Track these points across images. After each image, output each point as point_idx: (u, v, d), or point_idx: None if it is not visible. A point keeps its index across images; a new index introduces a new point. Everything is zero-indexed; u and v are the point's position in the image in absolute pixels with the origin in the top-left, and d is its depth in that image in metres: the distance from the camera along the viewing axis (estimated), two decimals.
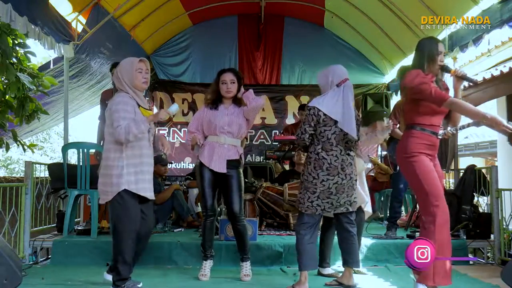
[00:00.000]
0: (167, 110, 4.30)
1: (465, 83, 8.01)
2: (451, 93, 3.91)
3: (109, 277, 4.18)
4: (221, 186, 4.68)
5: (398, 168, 5.95)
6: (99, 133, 6.33)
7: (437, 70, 3.86)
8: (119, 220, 3.97)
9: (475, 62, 9.31)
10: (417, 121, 3.83)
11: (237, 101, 4.72)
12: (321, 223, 4.70)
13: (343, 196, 4.19)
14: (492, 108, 10.93)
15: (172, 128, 10.43)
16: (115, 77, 4.15)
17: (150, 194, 4.11)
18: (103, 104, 6.30)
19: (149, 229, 4.26)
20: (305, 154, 4.58)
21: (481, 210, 6.34)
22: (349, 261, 4.30)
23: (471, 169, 6.46)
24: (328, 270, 4.78)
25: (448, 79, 4.12)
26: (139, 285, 4.11)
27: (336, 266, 5.00)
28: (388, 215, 6.54)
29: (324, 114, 4.13)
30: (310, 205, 4.16)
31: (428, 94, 3.67)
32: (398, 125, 5.90)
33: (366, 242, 5.45)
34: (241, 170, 4.71)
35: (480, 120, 3.61)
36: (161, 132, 10.23)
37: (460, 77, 3.86)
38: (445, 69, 3.91)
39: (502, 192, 5.69)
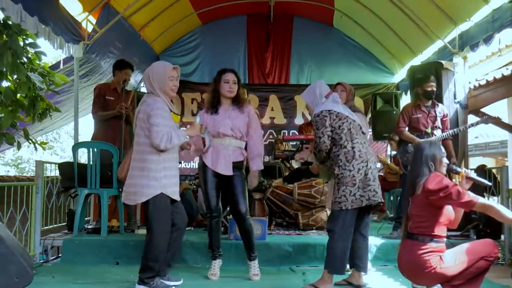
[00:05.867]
0: (195, 124, 4.36)
1: (476, 83, 8.03)
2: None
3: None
4: (225, 187, 4.64)
5: (408, 168, 5.95)
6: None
7: (443, 171, 3.69)
8: (156, 220, 3.99)
9: (486, 62, 9.28)
10: (435, 233, 3.55)
11: (237, 102, 4.67)
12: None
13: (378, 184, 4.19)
14: (503, 107, 10.87)
15: (181, 128, 10.44)
16: (145, 79, 4.16)
17: (177, 196, 4.19)
18: (100, 98, 6.28)
19: (185, 220, 4.33)
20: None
21: None
22: (360, 266, 4.28)
23: (481, 169, 6.43)
24: None
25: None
26: (177, 283, 4.15)
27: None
28: (396, 214, 6.53)
29: (335, 111, 4.17)
30: (354, 199, 4.06)
31: (455, 197, 3.43)
32: (407, 128, 5.93)
33: (375, 242, 5.44)
34: (244, 172, 4.69)
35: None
36: None
37: (469, 179, 3.68)
38: (452, 170, 3.81)
39: None
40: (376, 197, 4.13)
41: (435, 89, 5.89)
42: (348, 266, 4.70)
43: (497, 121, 8.04)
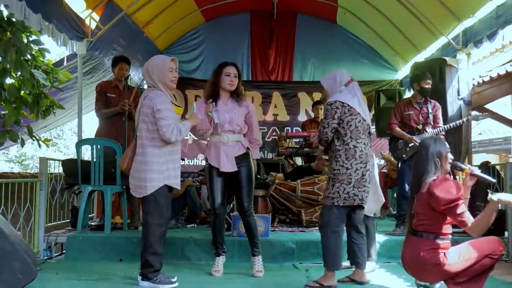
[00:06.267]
0: (195, 113, 4.40)
1: (479, 79, 8.00)
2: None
3: (145, 284, 4.12)
4: (232, 181, 4.67)
5: (399, 165, 5.99)
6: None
7: (447, 168, 3.70)
8: (153, 213, 4.09)
9: (490, 58, 9.24)
10: (442, 231, 3.55)
11: (236, 96, 4.67)
12: None
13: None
14: (506, 104, 10.84)
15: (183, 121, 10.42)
16: (145, 73, 4.23)
17: (179, 186, 4.29)
18: (102, 96, 6.28)
19: (168, 215, 4.38)
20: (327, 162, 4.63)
21: None
22: (359, 262, 4.29)
23: (485, 165, 6.41)
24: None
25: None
26: (173, 279, 4.16)
27: None
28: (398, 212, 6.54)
29: (348, 105, 4.14)
30: (347, 197, 4.09)
31: (454, 214, 3.43)
32: (397, 125, 5.98)
33: (379, 238, 5.42)
34: (251, 162, 4.69)
35: (495, 209, 3.49)
36: None
37: (473, 176, 3.67)
38: (457, 167, 3.80)
39: None
40: (368, 200, 4.20)
41: (430, 84, 5.91)
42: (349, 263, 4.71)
43: (493, 115, 8.02)
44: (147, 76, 4.18)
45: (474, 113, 6.04)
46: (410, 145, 5.80)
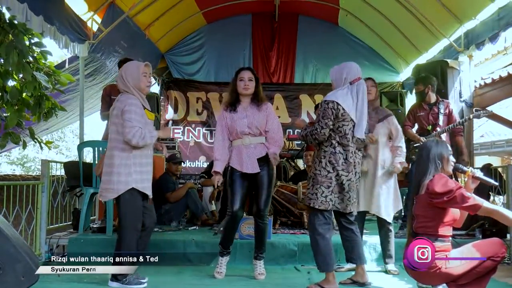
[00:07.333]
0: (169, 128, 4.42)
1: (481, 82, 7.99)
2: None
3: (114, 284, 4.18)
4: (253, 183, 4.63)
5: (410, 166, 5.97)
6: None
7: (449, 170, 3.67)
8: (126, 216, 4.12)
9: (491, 60, 9.23)
10: (440, 232, 3.53)
11: (256, 101, 4.67)
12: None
13: (353, 195, 4.18)
14: (508, 106, 10.83)
15: (186, 127, 10.44)
16: (119, 79, 4.25)
17: (150, 192, 4.27)
18: (106, 98, 6.28)
19: (154, 220, 4.41)
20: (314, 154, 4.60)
21: None
22: (354, 258, 4.30)
23: (487, 168, 6.40)
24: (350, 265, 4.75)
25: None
26: (143, 280, 4.17)
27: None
28: (403, 214, 6.53)
29: (343, 109, 4.11)
30: (324, 200, 4.08)
31: (460, 201, 3.39)
32: (416, 127, 6.00)
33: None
34: (273, 165, 4.66)
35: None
36: (175, 131, 10.25)
37: (475, 178, 3.65)
38: (459, 169, 3.76)
39: None
40: (341, 206, 4.15)
41: (423, 88, 5.90)
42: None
43: (493, 115, 8.01)
44: (121, 82, 4.20)
45: (475, 111, 6.01)
46: (416, 145, 5.80)
